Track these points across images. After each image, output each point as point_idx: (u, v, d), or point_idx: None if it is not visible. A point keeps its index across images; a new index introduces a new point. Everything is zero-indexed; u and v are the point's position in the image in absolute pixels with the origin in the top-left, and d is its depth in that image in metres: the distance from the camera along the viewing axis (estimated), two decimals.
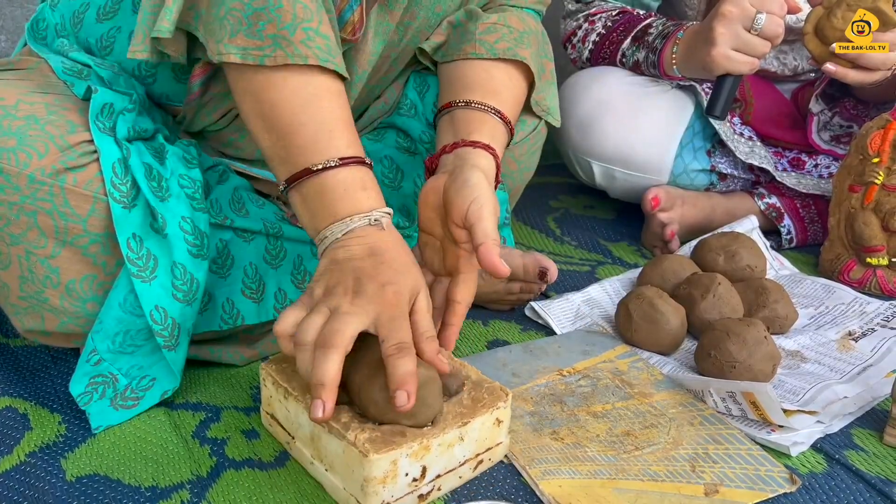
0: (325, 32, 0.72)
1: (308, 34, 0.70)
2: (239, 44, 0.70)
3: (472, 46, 0.90)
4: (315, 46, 0.70)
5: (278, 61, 0.70)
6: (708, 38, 1.07)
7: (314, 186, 0.71)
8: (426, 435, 0.65)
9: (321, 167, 0.70)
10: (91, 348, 0.77)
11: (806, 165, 1.26)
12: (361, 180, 0.71)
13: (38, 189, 0.73)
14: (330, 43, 0.72)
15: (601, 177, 1.27)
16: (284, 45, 0.70)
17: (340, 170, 0.70)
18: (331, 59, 0.71)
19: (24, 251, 0.75)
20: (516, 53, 0.89)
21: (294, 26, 0.70)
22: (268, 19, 0.70)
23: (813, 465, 0.75)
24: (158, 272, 0.76)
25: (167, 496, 0.70)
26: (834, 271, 1.13)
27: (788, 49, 1.30)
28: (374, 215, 0.70)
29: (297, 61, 0.70)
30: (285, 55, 0.70)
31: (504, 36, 0.90)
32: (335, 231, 0.70)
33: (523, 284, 1.02)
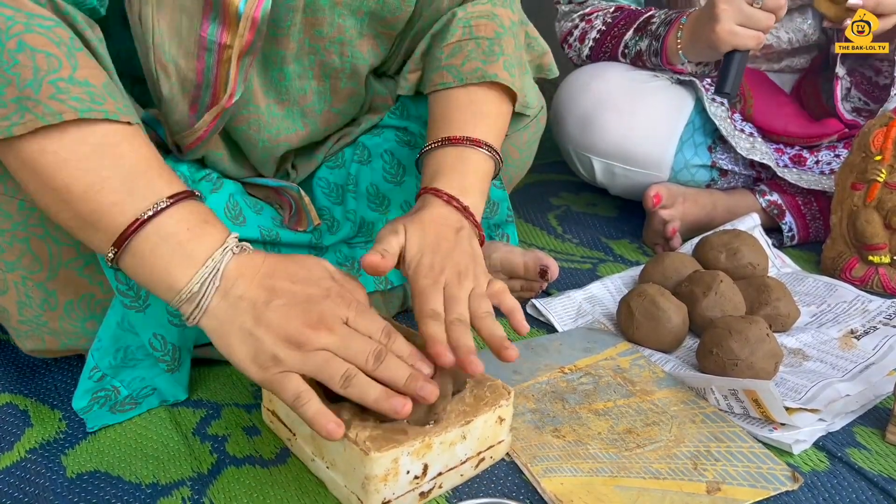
0: (83, 77, 0.61)
1: (57, 86, 0.60)
2: None
3: (440, 76, 0.85)
4: (71, 98, 0.60)
5: (29, 127, 0.59)
6: (711, 16, 1.09)
7: (151, 238, 0.61)
8: (428, 433, 0.65)
9: (151, 213, 0.61)
10: (92, 365, 0.77)
11: (807, 162, 1.26)
12: (200, 213, 0.63)
13: (29, 215, 0.72)
14: (92, 89, 0.61)
15: (601, 173, 1.27)
16: (31, 105, 0.59)
17: (175, 209, 0.62)
18: (95, 107, 0.61)
19: (21, 277, 0.75)
20: (485, 73, 0.84)
21: (38, 82, 0.59)
22: (5, 81, 0.59)
23: (815, 463, 0.75)
24: (151, 300, 0.75)
25: (168, 493, 0.70)
26: (836, 269, 1.13)
27: (779, 24, 1.31)
28: (230, 244, 0.63)
29: (50, 121, 0.59)
30: (35, 118, 0.59)
31: (471, 54, 0.85)
32: (206, 283, 0.61)
33: (524, 282, 1.02)
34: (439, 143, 0.81)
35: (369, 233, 0.97)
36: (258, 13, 0.74)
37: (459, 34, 0.86)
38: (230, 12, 0.73)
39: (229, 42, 0.75)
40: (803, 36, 1.32)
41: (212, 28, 0.74)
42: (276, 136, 0.88)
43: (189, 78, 0.77)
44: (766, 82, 1.32)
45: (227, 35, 0.75)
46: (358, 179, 0.97)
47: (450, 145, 0.80)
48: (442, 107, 0.84)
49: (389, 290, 0.97)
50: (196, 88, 0.77)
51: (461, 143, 0.80)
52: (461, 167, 0.79)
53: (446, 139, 0.80)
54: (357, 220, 0.96)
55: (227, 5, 0.73)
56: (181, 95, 0.78)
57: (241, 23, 0.74)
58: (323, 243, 0.93)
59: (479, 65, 0.84)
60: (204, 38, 0.75)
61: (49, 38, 0.61)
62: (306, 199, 0.91)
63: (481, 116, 0.84)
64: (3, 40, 0.60)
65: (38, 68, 0.60)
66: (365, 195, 0.97)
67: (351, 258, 0.95)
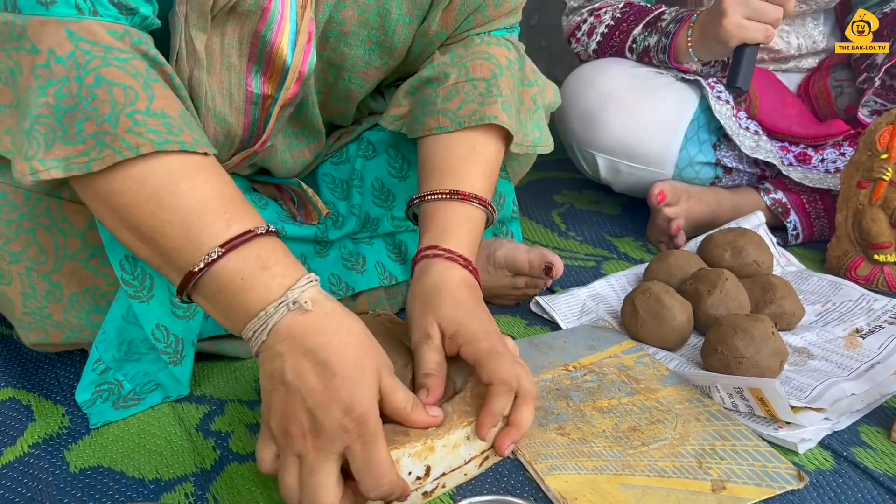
0: (159, 108, 0.61)
1: (135, 119, 0.60)
2: (58, 154, 0.60)
3: (435, 120, 0.83)
4: (148, 130, 0.60)
5: (107, 162, 0.59)
6: (719, 10, 1.09)
7: (209, 286, 0.61)
8: (430, 435, 0.64)
9: (203, 265, 0.60)
10: (96, 358, 0.76)
11: (812, 160, 1.25)
12: (259, 259, 0.60)
13: (36, 205, 0.72)
14: (169, 120, 0.61)
15: (606, 170, 1.27)
16: (109, 140, 0.59)
17: (228, 258, 0.60)
18: (172, 138, 0.61)
19: (25, 268, 0.74)
20: (483, 116, 0.81)
21: (115, 115, 0.59)
22: (84, 117, 0.59)
23: (820, 462, 0.74)
24: (155, 291, 0.75)
25: (171, 489, 0.70)
26: (841, 268, 1.13)
27: (789, 28, 1.30)
28: (290, 298, 0.60)
29: (128, 155, 0.59)
30: (113, 153, 0.59)
31: (468, 96, 0.83)
32: (256, 332, 0.60)
33: (528, 279, 1.02)
34: (446, 195, 0.78)
35: (374, 228, 0.97)
36: (305, 67, 0.75)
37: (455, 76, 0.84)
38: (276, 65, 0.74)
39: (270, 92, 0.75)
40: (812, 43, 1.32)
41: (255, 81, 0.75)
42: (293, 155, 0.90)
43: (237, 133, 0.77)
44: (773, 82, 1.31)
45: (268, 86, 0.75)
46: (363, 174, 0.97)
47: (458, 200, 0.78)
48: (441, 153, 0.82)
49: (394, 286, 0.97)
50: (241, 142, 0.78)
51: (469, 201, 0.78)
52: (466, 226, 0.78)
53: (455, 193, 0.78)
54: (362, 215, 0.96)
55: (275, 59, 0.73)
56: (226, 149, 0.78)
57: (288, 76, 0.74)
58: (328, 238, 0.93)
59: (476, 107, 0.82)
60: (251, 93, 0.75)
61: (125, 71, 0.61)
62: (309, 192, 0.91)
63: (481, 166, 0.82)
64: (83, 76, 0.60)
65: (116, 102, 0.59)
66: (370, 190, 0.97)
67: (356, 254, 0.95)
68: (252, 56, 0.74)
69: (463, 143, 0.82)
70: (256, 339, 0.60)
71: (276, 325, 0.59)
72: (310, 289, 0.61)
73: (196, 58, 0.71)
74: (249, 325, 0.60)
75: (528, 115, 0.91)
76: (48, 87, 0.60)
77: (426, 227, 0.78)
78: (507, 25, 0.91)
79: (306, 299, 0.60)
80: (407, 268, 0.97)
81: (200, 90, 0.73)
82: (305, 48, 0.74)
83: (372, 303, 0.96)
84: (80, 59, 0.60)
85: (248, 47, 0.73)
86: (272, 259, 0.61)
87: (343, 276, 0.93)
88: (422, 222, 0.79)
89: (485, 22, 0.88)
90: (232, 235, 0.60)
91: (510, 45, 0.90)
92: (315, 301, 0.60)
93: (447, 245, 0.75)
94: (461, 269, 0.75)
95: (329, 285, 0.92)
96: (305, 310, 0.60)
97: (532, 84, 0.92)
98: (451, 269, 0.74)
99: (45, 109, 0.60)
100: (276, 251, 0.62)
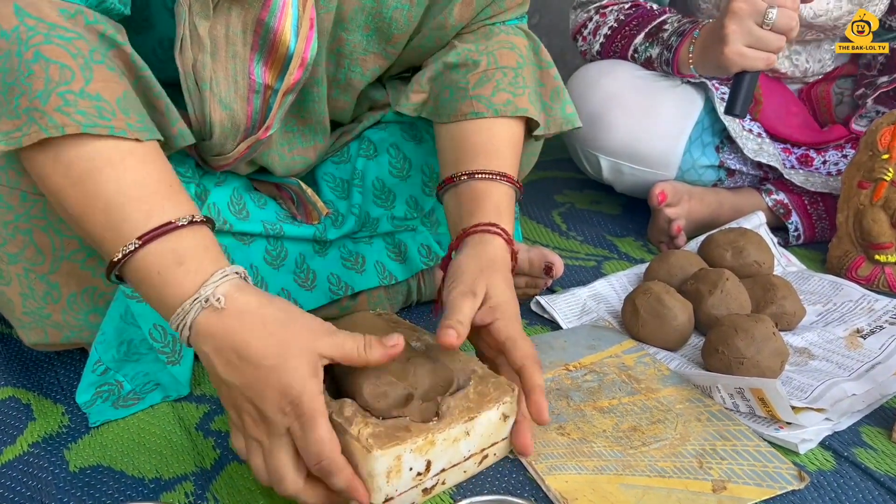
0: (95, 91, 0.60)
1: (66, 98, 0.58)
2: (2, 128, 0.60)
3: (469, 105, 0.84)
4: (77, 112, 0.58)
5: (33, 138, 0.58)
6: (720, 37, 1.06)
7: (131, 277, 0.61)
8: (431, 430, 0.64)
9: (121, 256, 0.59)
10: (95, 359, 0.76)
11: (814, 163, 1.25)
12: (173, 253, 0.59)
13: (32, 206, 0.72)
14: (102, 104, 0.60)
15: (608, 171, 1.26)
16: (37, 117, 0.58)
17: (146, 250, 0.59)
18: (101, 122, 0.59)
19: (23, 269, 0.74)
20: (517, 107, 0.85)
21: (47, 93, 0.58)
22: (20, 91, 0.59)
23: (821, 462, 0.74)
24: None
25: (171, 488, 0.70)
26: (842, 268, 1.13)
27: (802, 49, 1.29)
28: (202, 294, 0.59)
29: (53, 133, 0.58)
30: (39, 129, 0.58)
31: (500, 84, 0.85)
32: (179, 327, 0.60)
33: (529, 279, 1.02)
34: (497, 176, 0.81)
35: (373, 228, 0.96)
36: (307, 54, 0.75)
37: (485, 63, 0.86)
38: (280, 53, 0.74)
39: (271, 83, 0.76)
40: (821, 67, 1.31)
41: (257, 69, 0.75)
42: (292, 151, 0.90)
43: (241, 121, 0.77)
44: (779, 88, 1.31)
45: (269, 75, 0.76)
46: (364, 174, 0.97)
47: (507, 184, 0.81)
48: (482, 135, 0.84)
49: (394, 286, 0.97)
50: (245, 131, 0.79)
51: (513, 184, 0.82)
52: (512, 210, 0.82)
53: (503, 175, 0.81)
54: (362, 214, 0.96)
55: (278, 45, 0.74)
56: (232, 138, 0.78)
57: (291, 63, 0.75)
58: (327, 237, 0.92)
59: (509, 97, 0.85)
60: (254, 81, 0.75)
61: (66, 50, 0.60)
62: (309, 192, 0.91)
63: (517, 154, 0.85)
64: (23, 51, 0.59)
65: (50, 79, 0.59)
66: (371, 190, 0.96)
67: (355, 253, 0.95)
68: (255, 44, 0.74)
69: (503, 129, 0.85)
70: (182, 333, 0.60)
71: (194, 322, 0.59)
72: (224, 284, 0.60)
73: (200, 44, 0.71)
74: (171, 320, 0.60)
75: (553, 96, 0.93)
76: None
77: (479, 204, 0.80)
78: (519, 15, 0.93)
79: (219, 296, 0.59)
80: (406, 267, 0.97)
81: (205, 73, 0.73)
82: (308, 34, 0.75)
83: (371, 302, 0.96)
84: (23, 35, 0.59)
85: (252, 35, 0.73)
86: (188, 253, 0.60)
87: (342, 276, 0.93)
88: (469, 199, 0.81)
89: (500, 12, 0.90)
90: (150, 227, 0.59)
91: (524, 34, 0.93)
92: (228, 296, 0.59)
93: (504, 226, 0.78)
94: (510, 255, 0.79)
95: (329, 285, 0.92)
96: (218, 308, 0.59)
97: (550, 65, 0.94)
98: (506, 253, 0.78)
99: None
100: (196, 245, 0.61)
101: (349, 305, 0.94)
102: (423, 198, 0.98)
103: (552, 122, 0.92)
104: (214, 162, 0.81)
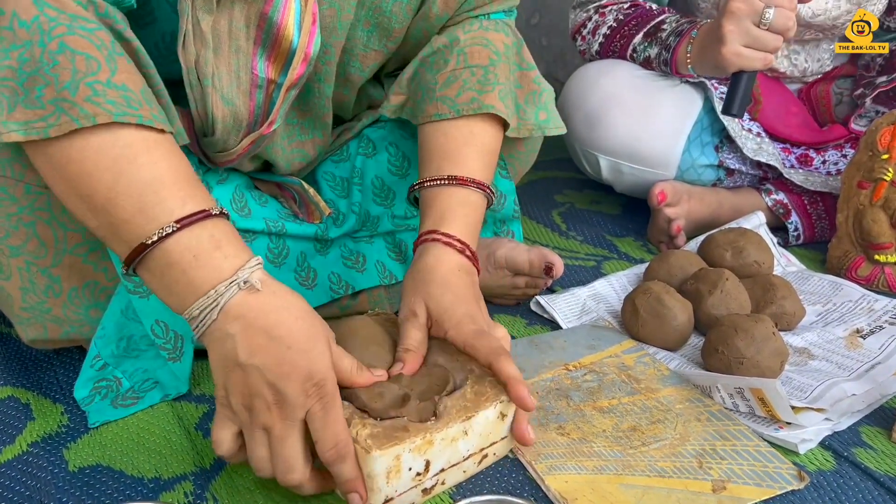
0: (121, 81, 0.61)
1: (94, 89, 0.59)
2: (19, 118, 0.60)
3: (434, 107, 0.84)
4: (106, 101, 0.59)
5: (64, 129, 0.59)
6: (718, 37, 1.07)
7: (158, 261, 0.60)
8: (429, 429, 0.64)
9: (156, 238, 0.60)
10: (94, 354, 0.76)
11: (814, 162, 1.25)
12: (212, 238, 0.61)
13: (36, 199, 0.72)
14: (129, 94, 0.61)
15: (608, 171, 1.26)
16: (67, 107, 0.59)
17: (182, 234, 0.60)
18: (130, 111, 0.60)
19: (25, 262, 0.74)
20: (482, 104, 0.83)
21: (75, 83, 0.59)
22: (44, 82, 0.59)
23: (821, 462, 0.74)
24: None
25: (170, 487, 0.70)
26: (841, 268, 1.13)
27: (801, 49, 1.29)
28: (240, 277, 0.60)
29: (84, 123, 0.59)
30: (70, 120, 0.59)
31: (466, 83, 0.83)
32: (204, 311, 0.60)
33: (529, 279, 1.02)
34: (444, 180, 0.80)
35: (374, 226, 0.96)
36: (311, 49, 0.75)
37: (454, 63, 0.85)
38: (283, 47, 0.74)
39: (274, 77, 0.76)
40: (819, 66, 1.31)
41: (260, 64, 0.75)
42: (293, 147, 0.90)
43: (243, 116, 0.77)
44: (779, 88, 1.31)
45: (272, 70, 0.76)
46: (363, 172, 0.97)
47: (456, 185, 0.79)
48: (439, 139, 0.83)
49: (394, 285, 0.97)
50: (248, 126, 0.79)
51: (467, 185, 0.80)
52: (464, 210, 0.79)
53: (452, 178, 0.80)
54: (362, 213, 0.96)
55: (281, 40, 0.74)
56: (234, 133, 0.78)
57: (294, 57, 0.75)
58: (329, 236, 0.92)
59: (474, 94, 0.83)
60: (256, 76, 0.76)
61: (90, 41, 0.61)
62: (311, 191, 0.91)
63: (478, 151, 0.83)
64: (46, 41, 0.60)
65: (77, 70, 0.59)
66: (370, 188, 0.96)
67: (356, 252, 0.95)
68: (258, 38, 0.74)
69: (461, 129, 0.83)
70: (205, 319, 0.60)
71: (227, 303, 0.60)
72: (258, 270, 0.62)
73: (203, 39, 0.71)
74: (197, 304, 0.60)
75: (528, 99, 0.91)
76: (11, 51, 0.60)
77: (426, 213, 0.79)
78: (507, 8, 0.91)
79: (257, 279, 0.61)
80: (406, 267, 0.97)
81: (207, 69, 0.73)
82: (311, 29, 0.75)
83: (372, 302, 0.96)
84: (44, 25, 0.60)
85: (255, 30, 0.74)
86: (224, 240, 0.62)
87: (343, 275, 0.93)
88: (422, 208, 0.81)
89: (484, 3, 0.89)
90: (188, 213, 0.61)
91: (508, 29, 0.91)
92: (263, 281, 0.62)
93: (445, 230, 0.77)
94: (457, 255, 0.76)
95: (329, 284, 0.92)
96: (256, 289, 0.61)
97: (531, 67, 0.93)
98: (447, 254, 0.75)
99: (9, 72, 0.60)
100: (228, 233, 0.63)
101: (349, 304, 0.94)
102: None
103: (524, 125, 0.90)
104: (218, 158, 0.81)
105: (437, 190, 0.80)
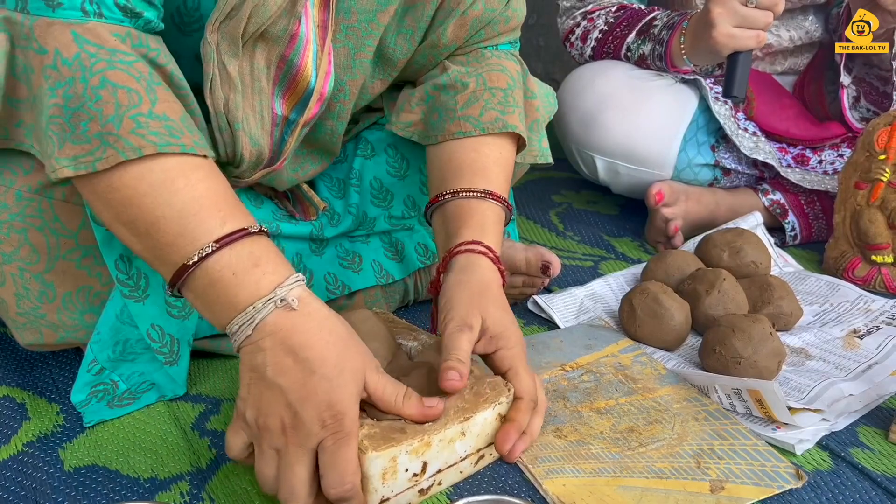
0: (161, 112, 0.62)
1: (138, 121, 0.61)
2: (68, 154, 0.61)
3: (457, 125, 0.84)
4: (150, 133, 0.61)
5: (111, 162, 0.60)
6: (708, 22, 1.07)
7: (200, 280, 0.62)
8: (426, 431, 0.64)
9: (197, 258, 0.61)
10: (91, 358, 0.76)
11: (810, 162, 1.25)
12: (251, 255, 0.62)
13: (27, 205, 0.72)
14: (171, 123, 0.63)
15: (604, 171, 1.26)
16: (112, 141, 0.60)
17: (221, 253, 0.61)
18: (173, 140, 0.62)
19: (18, 269, 0.74)
20: (506, 124, 0.84)
21: (119, 117, 0.61)
22: (89, 117, 0.61)
23: (818, 462, 0.74)
24: (150, 290, 0.75)
25: (166, 487, 0.70)
26: (839, 268, 1.13)
27: (779, 22, 1.30)
28: (278, 295, 0.61)
29: (131, 156, 0.60)
30: (116, 153, 0.60)
31: (488, 104, 0.84)
32: (241, 327, 0.61)
33: (526, 278, 1.02)
34: (481, 194, 0.80)
35: (370, 227, 0.96)
36: (326, 89, 0.77)
37: (473, 85, 0.85)
38: (300, 87, 0.76)
39: (286, 114, 0.77)
40: (805, 33, 1.32)
41: (277, 102, 0.76)
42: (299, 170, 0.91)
43: (265, 154, 0.78)
44: (771, 84, 1.31)
45: (286, 106, 0.77)
46: (362, 173, 0.97)
47: (492, 201, 0.80)
48: (469, 154, 0.83)
49: (391, 285, 0.96)
50: (268, 162, 0.79)
51: (500, 202, 0.81)
52: (497, 227, 0.80)
53: (488, 193, 0.80)
54: (359, 214, 0.96)
55: (299, 81, 0.75)
56: (253, 168, 0.79)
57: (311, 98, 0.76)
58: (324, 235, 0.92)
59: (497, 114, 0.84)
60: (275, 115, 0.77)
61: (130, 74, 0.62)
62: (304, 187, 0.92)
63: (505, 171, 0.84)
64: (88, 77, 0.61)
65: (120, 104, 0.61)
66: (368, 189, 0.96)
67: (352, 252, 0.95)
68: (276, 78, 0.75)
69: (491, 147, 0.84)
70: (241, 334, 0.61)
71: (262, 320, 0.61)
72: (297, 287, 0.62)
73: (231, 83, 0.72)
74: (236, 320, 0.61)
75: (533, 127, 0.93)
76: (57, 88, 0.61)
77: (464, 222, 0.78)
78: (512, 40, 0.93)
79: (294, 297, 0.62)
80: (403, 266, 0.97)
81: (238, 113, 0.73)
82: (327, 69, 0.77)
83: (368, 302, 0.95)
84: (85, 62, 0.61)
85: (275, 70, 0.75)
86: (263, 257, 0.62)
87: (339, 275, 0.93)
88: (454, 217, 0.80)
89: (494, 35, 0.90)
90: (226, 232, 0.62)
91: (515, 59, 0.92)
92: (301, 300, 0.62)
93: (489, 244, 0.77)
94: (499, 274, 0.77)
95: (325, 284, 0.92)
96: (292, 308, 0.61)
97: (534, 96, 0.94)
98: (494, 272, 0.76)
99: (56, 110, 0.61)
100: (268, 250, 0.63)
101: (346, 305, 0.94)
102: (421, 197, 0.98)
103: (528, 152, 0.92)
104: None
105: (475, 202, 0.80)
